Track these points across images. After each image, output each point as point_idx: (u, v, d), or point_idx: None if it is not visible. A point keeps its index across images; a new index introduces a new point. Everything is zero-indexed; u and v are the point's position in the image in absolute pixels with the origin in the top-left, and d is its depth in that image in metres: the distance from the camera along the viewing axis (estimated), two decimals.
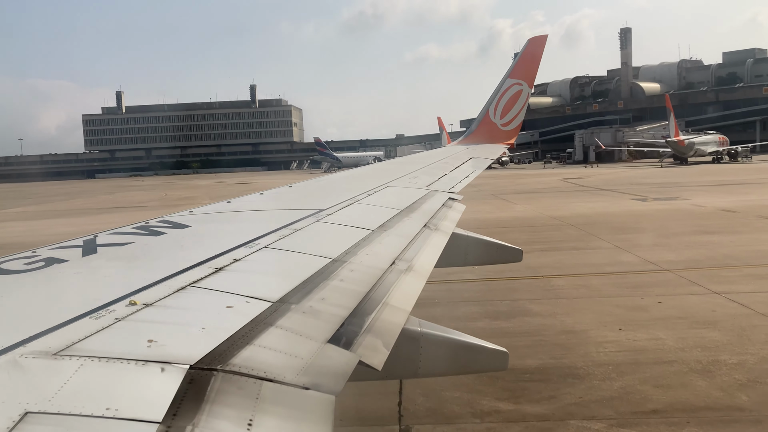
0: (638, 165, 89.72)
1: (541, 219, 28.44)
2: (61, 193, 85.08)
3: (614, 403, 8.12)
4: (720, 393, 8.25)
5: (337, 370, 2.20)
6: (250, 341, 2.18)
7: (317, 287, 2.91)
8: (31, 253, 3.27)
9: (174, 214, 4.78)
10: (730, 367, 9.08)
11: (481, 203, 35.16)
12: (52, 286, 2.79)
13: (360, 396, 7.55)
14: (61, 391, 1.68)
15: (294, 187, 7.18)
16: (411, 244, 4.22)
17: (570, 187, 50.24)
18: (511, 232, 23.59)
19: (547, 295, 14.12)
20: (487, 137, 13.41)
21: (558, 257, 18.47)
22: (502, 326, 11.68)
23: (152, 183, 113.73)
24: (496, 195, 42.69)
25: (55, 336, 2.02)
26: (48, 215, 44.58)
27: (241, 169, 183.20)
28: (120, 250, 3.45)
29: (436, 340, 3.46)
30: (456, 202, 6.50)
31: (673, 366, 9.27)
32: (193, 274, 2.86)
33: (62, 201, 64.03)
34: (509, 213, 31.96)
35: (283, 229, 4.01)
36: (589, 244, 21.07)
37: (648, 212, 29.80)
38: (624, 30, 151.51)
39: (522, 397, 8.40)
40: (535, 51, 13.15)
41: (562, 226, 25.49)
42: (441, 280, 13.68)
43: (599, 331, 11.06)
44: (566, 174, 72.43)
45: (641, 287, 14.21)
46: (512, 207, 35.21)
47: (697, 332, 10.76)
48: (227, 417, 1.73)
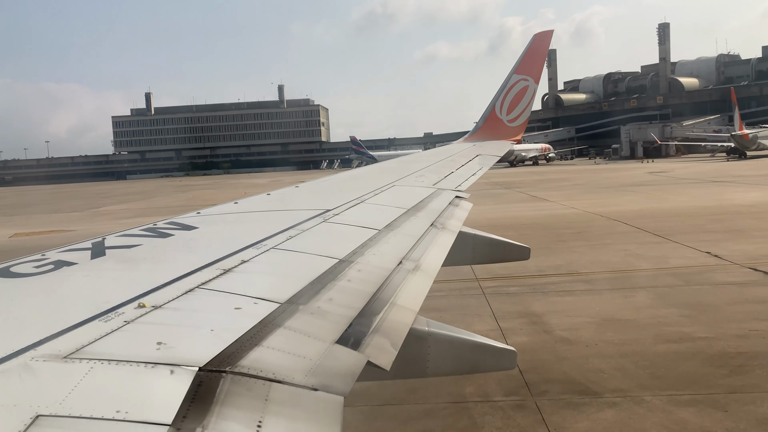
0: (694, 159, 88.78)
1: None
2: (130, 192, 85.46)
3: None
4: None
5: (346, 370, 2.20)
6: (259, 342, 2.18)
7: (325, 288, 2.92)
8: (41, 256, 3.29)
9: (181, 215, 4.79)
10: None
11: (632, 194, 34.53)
12: (61, 289, 2.81)
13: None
14: (72, 394, 1.69)
15: (301, 187, 7.19)
16: (418, 243, 4.21)
17: (691, 179, 49.46)
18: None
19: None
20: (494, 134, 13.34)
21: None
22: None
23: (204, 182, 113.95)
24: (623, 187, 42.38)
25: (65, 339, 2.03)
26: (159, 212, 42.61)
27: (270, 169, 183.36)
28: (128, 253, 3.47)
29: (444, 340, 3.46)
30: (463, 201, 6.49)
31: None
32: (202, 275, 2.87)
33: (145, 200, 64.12)
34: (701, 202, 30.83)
35: (290, 230, 4.02)
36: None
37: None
38: (662, 25, 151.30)
39: None
40: (541, 46, 13.09)
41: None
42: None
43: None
44: (646, 168, 70.97)
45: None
46: (672, 198, 34.41)
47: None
48: (236, 419, 1.73)
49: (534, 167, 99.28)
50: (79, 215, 46.76)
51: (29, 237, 31.80)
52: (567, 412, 7.93)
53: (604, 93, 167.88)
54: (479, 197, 35.46)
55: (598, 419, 7.65)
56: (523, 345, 10.34)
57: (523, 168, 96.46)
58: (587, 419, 7.66)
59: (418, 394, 8.56)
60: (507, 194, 44.33)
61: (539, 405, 8.11)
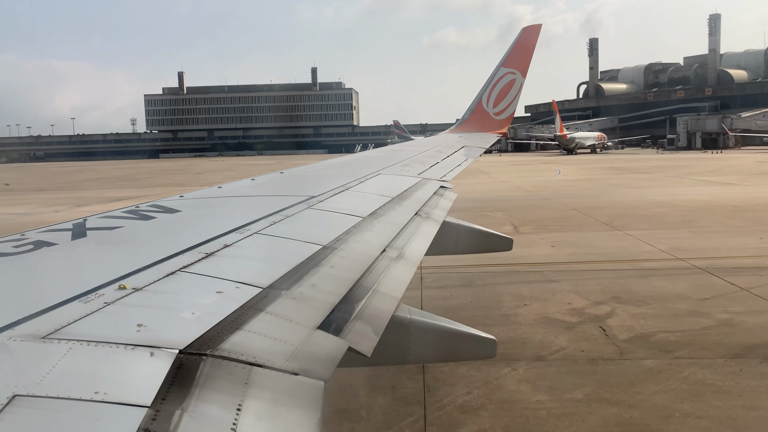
0: (761, 150, 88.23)
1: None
2: (209, 170, 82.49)
3: None
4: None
5: (327, 356, 2.21)
6: (240, 327, 2.18)
7: (307, 274, 2.92)
8: (20, 235, 3.25)
9: (164, 198, 4.75)
10: None
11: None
12: (40, 269, 2.78)
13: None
14: (50, 375, 1.67)
15: (286, 174, 7.16)
16: (402, 231, 4.22)
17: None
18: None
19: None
20: (480, 126, 13.40)
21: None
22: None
23: (256, 162, 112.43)
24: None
25: (43, 319, 2.01)
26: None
27: (303, 152, 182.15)
28: (110, 234, 3.43)
29: (425, 328, 3.48)
30: (447, 191, 6.51)
31: None
32: (183, 259, 2.85)
33: (226, 176, 61.85)
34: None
35: (274, 216, 4.00)
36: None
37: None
38: (713, 16, 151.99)
39: None
40: (529, 40, 13.11)
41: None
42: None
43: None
44: (739, 158, 70.07)
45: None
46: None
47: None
48: (216, 402, 1.73)
49: (606, 155, 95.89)
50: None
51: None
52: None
53: (645, 83, 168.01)
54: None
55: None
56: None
57: (596, 156, 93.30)
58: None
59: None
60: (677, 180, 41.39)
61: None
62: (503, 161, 78.83)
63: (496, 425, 7.12)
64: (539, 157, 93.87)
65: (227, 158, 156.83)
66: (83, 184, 58.55)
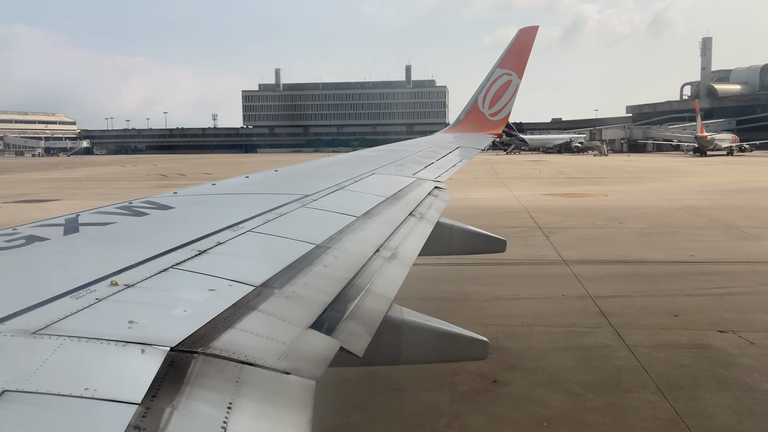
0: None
1: None
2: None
3: None
4: None
5: (318, 355, 2.20)
6: (232, 325, 2.18)
7: (301, 272, 2.91)
8: (12, 230, 3.23)
9: (158, 195, 4.74)
10: None
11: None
12: (32, 264, 2.76)
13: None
14: (40, 371, 1.66)
15: (280, 172, 7.14)
16: (396, 231, 4.22)
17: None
18: None
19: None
20: (475, 126, 13.41)
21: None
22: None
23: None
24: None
25: (34, 315, 2.00)
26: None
27: None
28: (102, 230, 3.42)
29: (417, 328, 3.48)
30: (442, 191, 6.51)
31: None
32: (176, 255, 2.84)
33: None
34: None
35: (268, 214, 3.99)
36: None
37: None
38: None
39: None
40: (526, 41, 13.13)
41: None
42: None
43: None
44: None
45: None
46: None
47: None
48: (207, 400, 1.73)
49: (752, 157, 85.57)
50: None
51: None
52: None
53: (761, 84, 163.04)
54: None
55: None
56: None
57: (744, 158, 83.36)
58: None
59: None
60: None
61: None
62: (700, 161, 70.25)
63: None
64: (694, 159, 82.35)
65: (324, 154, 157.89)
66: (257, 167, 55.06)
